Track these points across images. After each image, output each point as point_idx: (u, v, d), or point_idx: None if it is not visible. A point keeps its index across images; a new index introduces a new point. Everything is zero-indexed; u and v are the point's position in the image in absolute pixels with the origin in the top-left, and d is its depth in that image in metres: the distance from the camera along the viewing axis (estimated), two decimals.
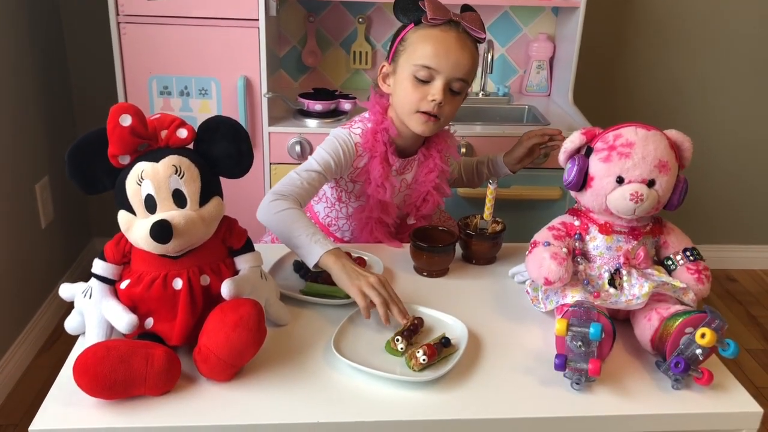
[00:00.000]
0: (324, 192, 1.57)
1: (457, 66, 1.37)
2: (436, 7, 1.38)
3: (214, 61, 2.09)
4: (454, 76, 1.38)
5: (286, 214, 1.31)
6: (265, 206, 1.35)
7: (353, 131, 1.47)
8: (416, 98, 1.39)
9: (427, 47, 1.37)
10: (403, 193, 1.54)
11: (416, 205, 1.56)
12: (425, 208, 1.55)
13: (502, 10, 2.53)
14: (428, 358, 1.04)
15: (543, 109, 2.43)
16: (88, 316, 1.08)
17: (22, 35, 2.21)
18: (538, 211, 2.22)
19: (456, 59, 1.37)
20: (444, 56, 1.36)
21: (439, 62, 1.37)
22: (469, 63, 1.39)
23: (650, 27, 2.64)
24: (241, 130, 1.09)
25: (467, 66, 1.39)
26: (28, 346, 2.24)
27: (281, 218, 1.31)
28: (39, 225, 2.33)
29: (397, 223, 1.59)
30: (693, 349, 1.02)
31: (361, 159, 1.46)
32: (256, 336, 1.01)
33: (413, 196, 1.55)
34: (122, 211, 1.04)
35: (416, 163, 1.52)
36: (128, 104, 1.02)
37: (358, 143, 1.46)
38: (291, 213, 1.31)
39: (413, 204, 1.56)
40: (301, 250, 1.26)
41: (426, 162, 1.52)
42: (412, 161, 1.52)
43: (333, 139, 1.46)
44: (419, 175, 1.53)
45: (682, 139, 1.17)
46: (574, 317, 1.04)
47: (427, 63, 1.37)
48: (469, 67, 1.40)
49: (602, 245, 1.19)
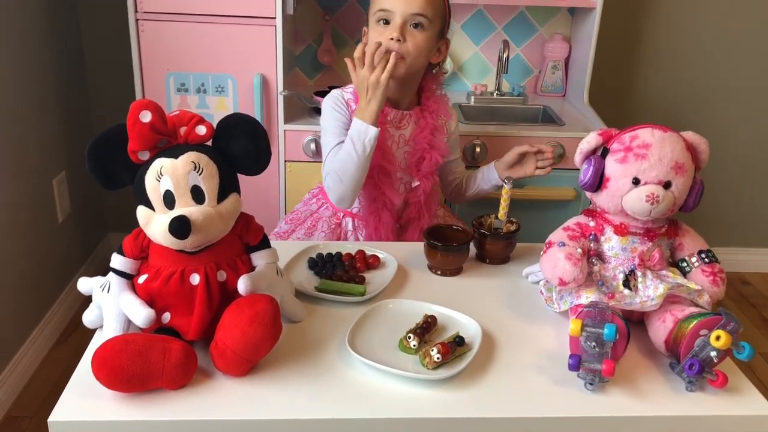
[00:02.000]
0: None
1: (409, 3, 1.50)
2: None
3: (231, 59, 2.10)
4: (409, 12, 1.50)
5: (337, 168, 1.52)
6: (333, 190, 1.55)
7: (344, 91, 1.63)
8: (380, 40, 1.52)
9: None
10: (403, 149, 1.64)
11: (416, 163, 1.64)
12: (425, 166, 1.64)
13: (518, 10, 2.52)
14: (442, 356, 1.05)
15: (558, 109, 2.43)
16: (106, 309, 1.10)
17: (40, 31, 2.24)
18: (553, 211, 2.22)
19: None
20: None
21: (392, 3, 1.50)
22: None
23: (667, 28, 2.63)
24: (260, 127, 1.10)
25: (420, 1, 1.50)
26: (44, 339, 2.26)
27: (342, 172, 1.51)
28: (56, 219, 2.36)
29: (403, 189, 1.65)
30: (707, 351, 1.02)
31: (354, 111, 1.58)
32: (271, 331, 1.02)
33: (412, 154, 1.64)
34: (141, 207, 1.05)
35: (412, 120, 1.63)
36: (148, 101, 1.03)
37: (349, 99, 1.61)
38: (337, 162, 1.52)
39: (413, 163, 1.65)
40: (366, 145, 1.48)
41: (420, 121, 1.63)
42: (407, 116, 1.63)
43: (327, 107, 1.62)
44: (415, 133, 1.63)
45: (699, 141, 1.17)
46: (589, 318, 1.04)
47: (382, 6, 1.52)
48: (423, 2, 1.50)
49: (617, 246, 1.19)
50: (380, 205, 1.63)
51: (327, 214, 1.71)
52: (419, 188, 1.64)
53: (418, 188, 1.64)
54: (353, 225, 1.68)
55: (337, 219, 1.70)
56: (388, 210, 1.63)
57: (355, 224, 1.68)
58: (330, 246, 1.44)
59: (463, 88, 2.61)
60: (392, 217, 1.64)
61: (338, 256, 1.38)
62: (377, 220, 1.63)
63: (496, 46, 2.53)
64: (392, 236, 1.65)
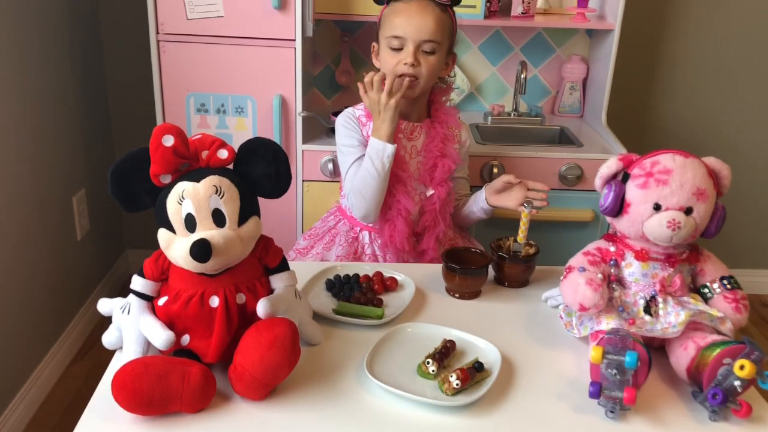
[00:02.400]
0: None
1: (420, 30, 1.56)
2: None
3: (251, 80, 2.12)
4: (421, 39, 1.57)
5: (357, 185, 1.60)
6: (353, 204, 1.62)
7: (355, 109, 1.70)
8: (393, 64, 1.59)
9: (394, 20, 1.58)
10: (416, 160, 1.68)
11: (429, 172, 1.68)
12: (438, 173, 1.67)
13: (535, 31, 2.53)
14: (461, 382, 1.04)
15: (575, 130, 2.42)
16: (126, 331, 1.10)
17: (62, 51, 2.27)
18: (571, 232, 2.21)
19: (418, 24, 1.56)
20: (407, 24, 1.56)
21: (405, 30, 1.57)
22: (432, 25, 1.56)
23: (686, 49, 2.63)
24: (280, 152, 1.11)
25: (431, 28, 1.56)
26: (62, 356, 2.28)
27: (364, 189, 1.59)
28: (75, 236, 2.38)
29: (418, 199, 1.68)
30: (731, 380, 1.01)
31: (366, 127, 1.66)
32: (290, 356, 1.02)
33: (425, 163, 1.68)
34: (162, 230, 1.06)
35: (423, 131, 1.68)
36: (171, 125, 1.04)
37: (360, 116, 1.68)
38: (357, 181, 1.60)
39: (426, 172, 1.68)
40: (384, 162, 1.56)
41: (430, 131, 1.68)
42: (417, 128, 1.68)
43: (340, 126, 1.69)
44: (426, 143, 1.68)
45: (721, 167, 1.16)
46: (610, 345, 1.03)
47: (395, 33, 1.58)
48: (434, 28, 1.57)
49: (638, 272, 1.18)
50: (395, 213, 1.65)
51: (344, 229, 1.75)
52: (434, 196, 1.67)
53: (433, 196, 1.67)
54: (370, 238, 1.71)
55: (354, 233, 1.73)
56: (402, 218, 1.65)
57: (371, 237, 1.71)
58: (347, 267, 1.44)
59: (480, 108, 2.62)
60: (407, 225, 1.65)
61: (356, 278, 1.38)
62: (392, 227, 1.65)
63: (514, 66, 2.53)
64: (407, 244, 1.66)
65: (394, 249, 1.67)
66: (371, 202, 1.60)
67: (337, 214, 1.81)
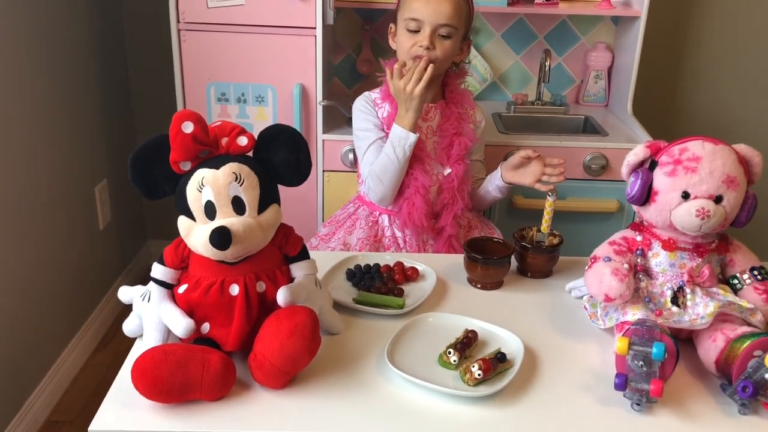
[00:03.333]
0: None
1: (438, 13, 1.58)
2: None
3: (271, 69, 2.11)
4: (438, 23, 1.59)
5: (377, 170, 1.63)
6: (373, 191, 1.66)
7: (371, 92, 1.75)
8: (409, 46, 1.61)
9: (413, 3, 1.61)
10: (432, 140, 1.70)
11: (446, 150, 1.69)
12: (455, 151, 1.69)
13: (559, 19, 2.49)
14: (483, 373, 1.02)
15: (601, 119, 2.38)
16: (146, 319, 1.10)
17: (84, 42, 2.28)
18: (596, 223, 2.17)
19: (435, 8, 1.58)
20: (425, 7, 1.59)
21: (422, 13, 1.59)
22: (450, 10, 1.59)
23: (714, 36, 2.57)
24: (301, 139, 1.09)
25: (448, 12, 1.59)
26: (85, 345, 2.29)
27: (382, 174, 1.62)
28: (97, 226, 2.39)
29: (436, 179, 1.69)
30: (762, 373, 0.98)
31: (382, 109, 1.70)
32: (310, 344, 1.01)
33: (441, 143, 1.70)
34: (182, 217, 1.05)
35: (438, 112, 1.70)
36: (190, 111, 1.03)
37: (376, 98, 1.72)
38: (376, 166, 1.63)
39: (443, 150, 1.70)
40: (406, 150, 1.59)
41: (445, 111, 1.71)
42: (432, 108, 1.70)
43: (357, 110, 1.73)
44: (441, 122, 1.70)
45: (752, 154, 1.12)
46: (636, 336, 1.01)
47: (412, 15, 1.60)
48: (451, 12, 1.59)
49: (665, 262, 1.15)
50: (413, 191, 1.66)
51: (364, 214, 1.77)
52: (451, 174, 1.68)
53: (450, 174, 1.68)
54: (389, 221, 1.74)
55: (373, 217, 1.76)
56: (420, 195, 1.66)
57: (390, 219, 1.74)
58: (368, 257, 1.43)
59: (504, 97, 2.58)
60: (425, 203, 1.66)
61: (377, 268, 1.37)
62: (411, 205, 1.66)
63: (537, 55, 2.50)
64: (426, 221, 1.67)
65: (413, 226, 1.68)
66: (389, 187, 1.64)
67: (356, 201, 1.83)
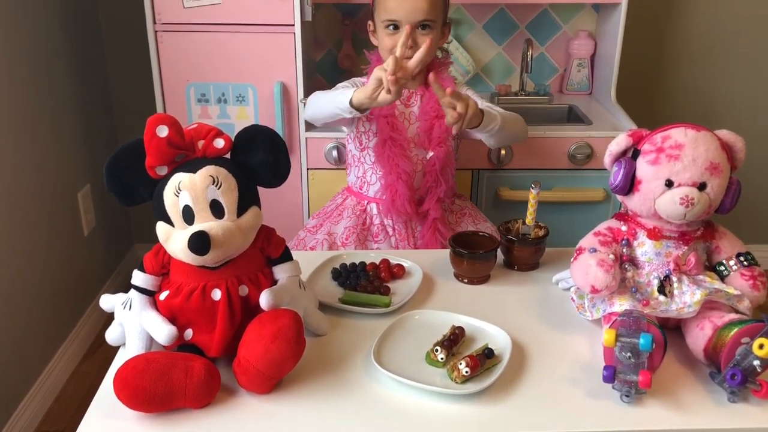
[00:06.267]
0: (350, 152, 1.78)
1: (415, 11, 1.58)
2: None
3: (251, 68, 2.09)
4: (416, 20, 1.59)
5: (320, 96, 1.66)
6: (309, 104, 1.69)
7: (359, 77, 1.75)
8: (391, 46, 1.60)
9: (387, 3, 1.61)
10: (414, 126, 1.69)
11: (427, 133, 1.68)
12: (435, 133, 1.67)
13: (541, 8, 2.48)
14: (471, 370, 1.01)
15: (585, 108, 2.38)
16: (128, 327, 1.08)
17: (62, 45, 2.25)
18: (582, 213, 2.17)
19: (410, 6, 1.58)
20: (399, 6, 1.59)
21: (398, 13, 1.59)
22: (425, 5, 1.59)
23: (695, 20, 2.57)
24: (278, 139, 1.08)
25: (424, 8, 1.59)
26: (73, 352, 2.27)
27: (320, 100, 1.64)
28: (81, 232, 2.37)
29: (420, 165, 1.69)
30: (750, 360, 0.97)
31: None
32: (294, 348, 0.99)
33: (422, 127, 1.69)
34: (160, 223, 1.04)
35: (419, 97, 1.69)
36: (165, 115, 1.01)
37: (363, 81, 1.70)
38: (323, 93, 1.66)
39: (424, 134, 1.68)
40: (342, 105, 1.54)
41: (426, 95, 1.69)
42: (413, 94, 1.70)
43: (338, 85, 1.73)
44: (423, 107, 1.69)
45: (734, 140, 1.12)
46: (623, 327, 1.00)
47: (390, 17, 1.61)
48: (427, 7, 1.59)
49: (651, 251, 1.14)
50: (395, 177, 1.66)
51: (352, 204, 1.77)
52: (433, 158, 1.67)
53: (432, 158, 1.67)
54: (378, 209, 1.73)
55: (361, 206, 1.76)
56: (403, 181, 1.66)
57: (378, 208, 1.73)
58: (353, 255, 1.41)
59: (487, 89, 2.57)
60: (408, 188, 1.67)
61: (362, 266, 1.35)
62: (393, 192, 1.67)
63: (520, 45, 2.48)
64: (409, 207, 1.68)
65: (396, 213, 1.69)
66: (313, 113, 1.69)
67: (345, 193, 1.83)
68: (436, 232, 1.70)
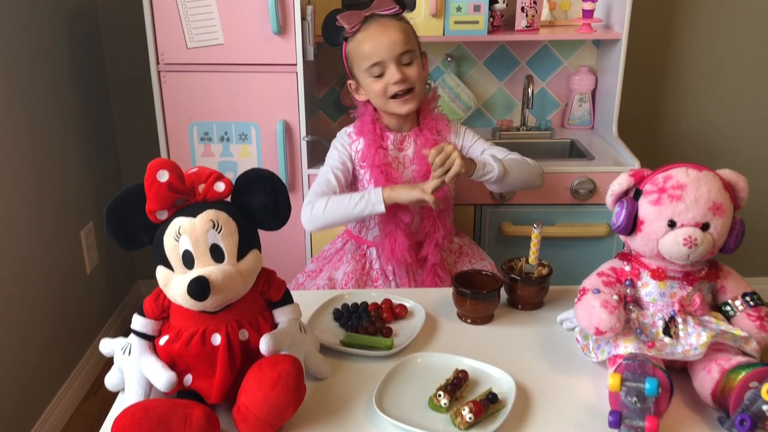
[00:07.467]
0: None
1: (393, 46, 1.58)
2: (348, 18, 1.62)
3: (254, 107, 2.10)
4: (397, 53, 1.59)
5: (331, 203, 1.59)
6: (309, 215, 1.61)
7: (346, 128, 1.74)
8: (382, 89, 1.61)
9: (364, 49, 1.60)
10: (410, 169, 1.70)
11: (423, 178, 1.67)
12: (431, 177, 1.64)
13: (541, 44, 2.50)
14: (474, 415, 1.00)
15: (586, 142, 2.38)
16: (127, 373, 1.07)
17: (67, 86, 2.27)
18: (586, 248, 2.16)
19: (388, 43, 1.58)
20: (378, 46, 1.58)
21: (380, 53, 1.59)
22: (400, 36, 1.59)
23: (695, 56, 2.58)
24: (278, 182, 1.08)
25: (401, 39, 1.59)
26: (74, 392, 2.25)
27: (330, 208, 1.59)
28: (84, 270, 2.36)
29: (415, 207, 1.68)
30: (759, 405, 0.96)
31: (356, 143, 1.69)
32: (295, 395, 0.98)
33: (419, 171, 1.69)
34: (160, 267, 1.03)
35: (412, 140, 1.70)
36: (165, 159, 1.01)
37: (351, 132, 1.71)
38: (334, 199, 1.60)
39: (421, 178, 1.68)
40: (365, 210, 1.56)
41: (419, 139, 1.69)
42: (407, 137, 1.70)
43: (332, 148, 1.74)
44: (418, 150, 1.68)
45: (737, 179, 1.11)
46: (628, 371, 0.98)
47: (372, 61, 1.60)
48: (403, 38, 1.59)
49: (655, 291, 1.13)
50: (393, 226, 1.66)
51: (352, 248, 1.77)
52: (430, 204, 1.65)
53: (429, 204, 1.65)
54: (377, 253, 1.73)
55: (361, 251, 1.75)
56: (401, 230, 1.66)
57: (378, 252, 1.73)
58: (355, 295, 1.40)
59: (488, 124, 2.58)
60: (407, 237, 1.67)
61: (364, 306, 1.34)
62: (393, 241, 1.67)
63: (521, 80, 2.50)
64: (409, 256, 1.67)
65: (397, 262, 1.68)
66: (326, 222, 1.62)
67: (344, 236, 1.82)
68: (435, 277, 1.69)
